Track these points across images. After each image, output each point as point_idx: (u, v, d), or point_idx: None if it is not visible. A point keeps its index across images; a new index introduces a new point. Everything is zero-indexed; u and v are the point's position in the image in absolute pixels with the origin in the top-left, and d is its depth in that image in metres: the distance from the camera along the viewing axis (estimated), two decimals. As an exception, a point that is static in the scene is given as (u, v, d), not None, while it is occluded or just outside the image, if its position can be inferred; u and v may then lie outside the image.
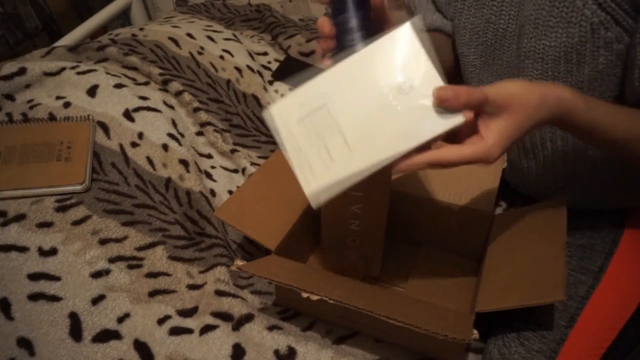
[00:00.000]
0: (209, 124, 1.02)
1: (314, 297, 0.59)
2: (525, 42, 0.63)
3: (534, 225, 0.69)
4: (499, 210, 0.84)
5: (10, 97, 0.93)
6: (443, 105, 0.46)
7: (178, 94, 1.03)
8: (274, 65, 1.26)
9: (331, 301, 0.59)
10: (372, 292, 0.69)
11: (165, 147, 0.91)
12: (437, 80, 0.47)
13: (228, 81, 1.12)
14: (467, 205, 0.74)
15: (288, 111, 0.51)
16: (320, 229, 0.76)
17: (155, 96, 0.98)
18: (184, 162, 0.91)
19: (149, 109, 0.94)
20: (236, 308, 0.70)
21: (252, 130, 1.08)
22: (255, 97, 1.12)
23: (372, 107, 0.48)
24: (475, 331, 0.55)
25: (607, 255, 0.68)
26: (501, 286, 0.63)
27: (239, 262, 0.65)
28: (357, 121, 0.49)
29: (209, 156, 1.00)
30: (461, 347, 0.64)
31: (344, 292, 0.61)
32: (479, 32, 0.71)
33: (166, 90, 1.03)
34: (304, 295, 0.60)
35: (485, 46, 0.72)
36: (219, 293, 0.72)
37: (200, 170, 0.93)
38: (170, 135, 0.93)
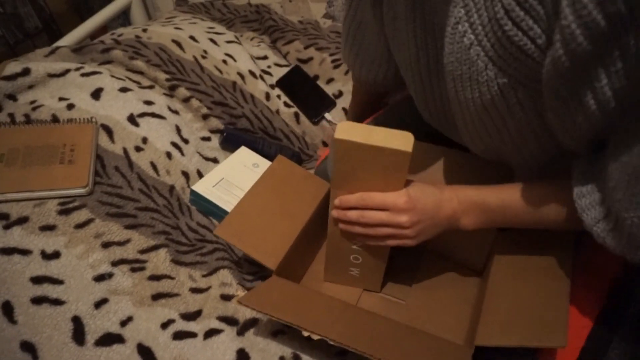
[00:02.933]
0: (219, 130, 1.03)
1: (315, 337, 0.60)
2: (450, 90, 0.60)
3: (539, 256, 0.68)
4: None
5: (12, 98, 0.93)
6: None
7: (185, 100, 1.03)
8: (274, 70, 1.26)
9: (331, 342, 0.59)
10: (371, 325, 0.68)
11: (169, 155, 0.91)
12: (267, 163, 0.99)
13: (234, 83, 1.12)
14: None
15: (205, 184, 0.90)
16: (321, 240, 0.77)
17: (160, 101, 0.98)
18: (185, 175, 0.92)
19: (153, 115, 0.94)
20: (241, 312, 0.70)
21: (259, 132, 1.08)
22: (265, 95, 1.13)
23: (246, 174, 0.94)
24: None
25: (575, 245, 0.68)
26: (502, 320, 0.62)
27: (241, 293, 0.65)
28: (241, 180, 0.93)
29: (215, 160, 1.00)
30: None
31: (344, 329, 0.62)
32: (412, 63, 0.68)
33: (172, 95, 1.03)
34: (305, 334, 0.61)
35: (419, 75, 0.69)
36: (224, 297, 0.72)
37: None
38: (174, 145, 0.93)
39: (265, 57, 1.30)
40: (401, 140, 0.59)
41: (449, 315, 0.73)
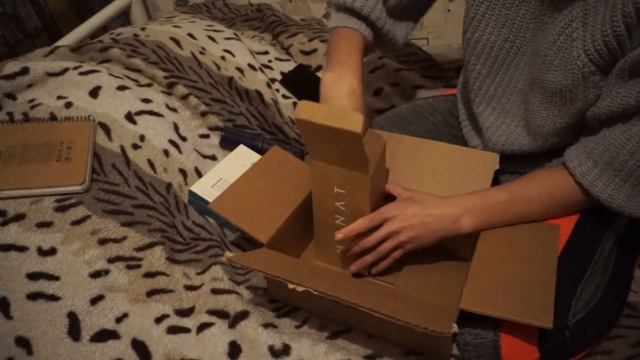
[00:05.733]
0: (217, 127, 1.03)
1: (300, 289, 0.60)
2: (535, 70, 0.69)
3: (526, 242, 0.69)
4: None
5: (11, 97, 0.93)
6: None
7: (184, 97, 1.03)
8: (275, 64, 1.26)
9: (315, 293, 0.60)
10: (358, 285, 0.70)
11: (166, 152, 0.92)
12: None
13: (230, 79, 1.12)
14: None
15: (203, 185, 0.89)
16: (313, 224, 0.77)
17: (158, 99, 0.99)
18: (183, 172, 0.92)
19: (151, 113, 0.95)
20: (231, 305, 0.70)
21: (256, 129, 1.08)
22: (259, 93, 1.13)
23: (239, 172, 0.84)
24: (455, 325, 0.56)
25: None
26: (488, 290, 0.63)
27: (230, 254, 0.66)
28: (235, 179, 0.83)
29: (213, 158, 1.00)
30: (446, 341, 0.64)
31: (330, 285, 0.62)
32: (494, 47, 0.75)
33: (169, 93, 1.04)
34: (290, 286, 0.61)
35: (496, 59, 0.76)
36: (215, 291, 0.72)
37: (200, 177, 0.94)
38: (172, 142, 0.94)
39: (266, 52, 1.30)
40: (352, 121, 0.60)
41: (437, 298, 0.73)
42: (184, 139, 0.96)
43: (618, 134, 0.62)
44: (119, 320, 0.67)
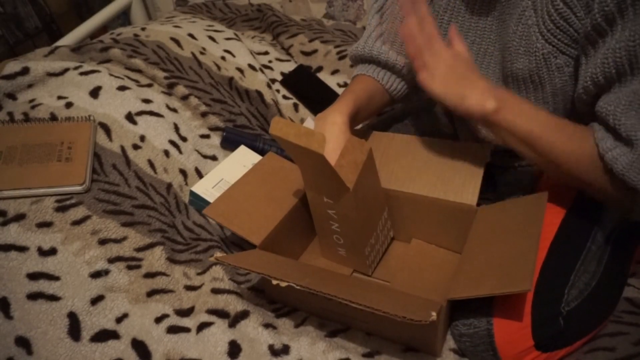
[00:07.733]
0: (218, 128, 1.04)
1: (283, 284, 0.61)
2: (507, 64, 0.73)
3: (513, 219, 0.70)
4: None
5: (12, 96, 0.93)
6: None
7: (184, 97, 1.03)
8: (275, 65, 1.26)
9: (298, 287, 0.60)
10: (342, 280, 0.70)
11: (166, 153, 0.92)
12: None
13: (230, 79, 1.12)
14: (451, 200, 0.75)
15: (204, 185, 0.90)
16: (312, 226, 0.79)
17: (159, 99, 0.99)
18: (183, 173, 0.92)
19: (151, 113, 0.95)
20: (231, 305, 0.71)
21: (257, 129, 1.08)
22: (259, 93, 1.13)
23: (240, 173, 0.84)
24: (434, 313, 0.54)
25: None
26: (474, 275, 0.64)
27: (218, 254, 0.66)
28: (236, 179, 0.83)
29: (214, 158, 1.00)
30: (431, 332, 0.64)
31: (314, 281, 0.63)
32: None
33: (170, 93, 1.04)
34: (274, 282, 0.62)
35: None
36: (215, 291, 0.72)
37: (200, 177, 0.95)
38: (172, 142, 0.94)
39: (266, 53, 1.30)
40: (316, 141, 0.62)
41: (433, 294, 0.73)
42: (184, 139, 0.97)
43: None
44: (119, 320, 0.67)
